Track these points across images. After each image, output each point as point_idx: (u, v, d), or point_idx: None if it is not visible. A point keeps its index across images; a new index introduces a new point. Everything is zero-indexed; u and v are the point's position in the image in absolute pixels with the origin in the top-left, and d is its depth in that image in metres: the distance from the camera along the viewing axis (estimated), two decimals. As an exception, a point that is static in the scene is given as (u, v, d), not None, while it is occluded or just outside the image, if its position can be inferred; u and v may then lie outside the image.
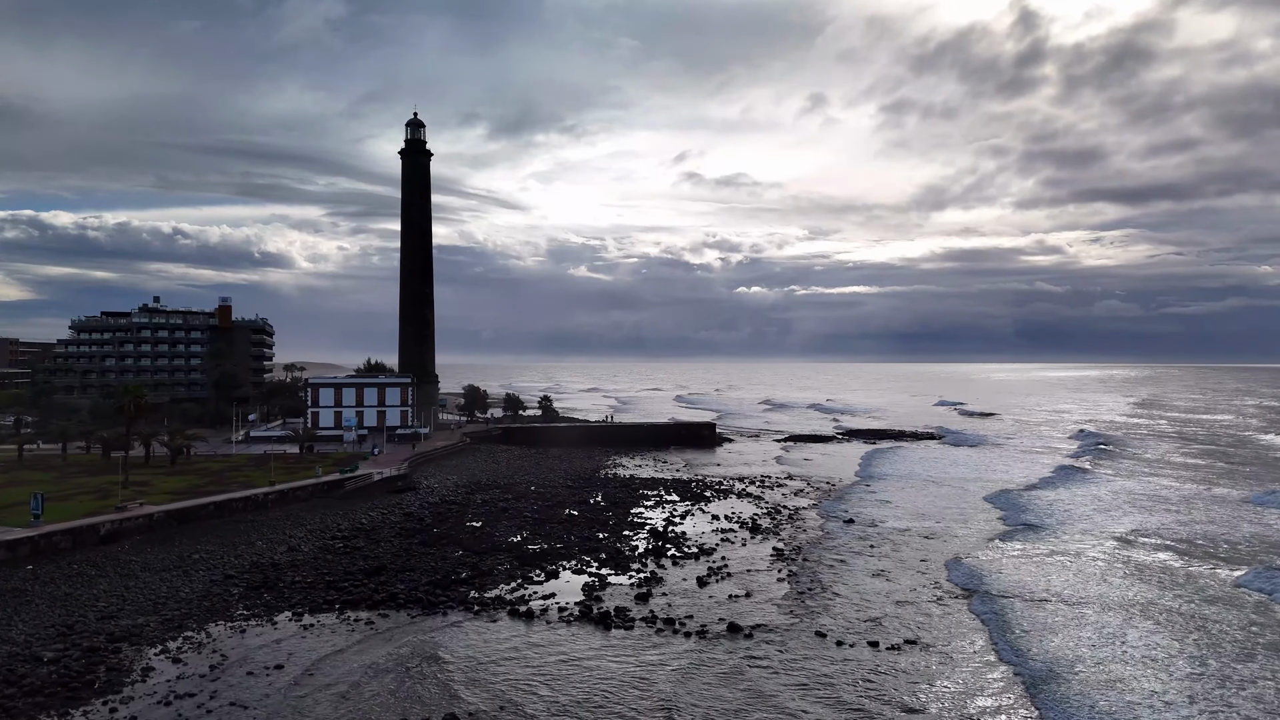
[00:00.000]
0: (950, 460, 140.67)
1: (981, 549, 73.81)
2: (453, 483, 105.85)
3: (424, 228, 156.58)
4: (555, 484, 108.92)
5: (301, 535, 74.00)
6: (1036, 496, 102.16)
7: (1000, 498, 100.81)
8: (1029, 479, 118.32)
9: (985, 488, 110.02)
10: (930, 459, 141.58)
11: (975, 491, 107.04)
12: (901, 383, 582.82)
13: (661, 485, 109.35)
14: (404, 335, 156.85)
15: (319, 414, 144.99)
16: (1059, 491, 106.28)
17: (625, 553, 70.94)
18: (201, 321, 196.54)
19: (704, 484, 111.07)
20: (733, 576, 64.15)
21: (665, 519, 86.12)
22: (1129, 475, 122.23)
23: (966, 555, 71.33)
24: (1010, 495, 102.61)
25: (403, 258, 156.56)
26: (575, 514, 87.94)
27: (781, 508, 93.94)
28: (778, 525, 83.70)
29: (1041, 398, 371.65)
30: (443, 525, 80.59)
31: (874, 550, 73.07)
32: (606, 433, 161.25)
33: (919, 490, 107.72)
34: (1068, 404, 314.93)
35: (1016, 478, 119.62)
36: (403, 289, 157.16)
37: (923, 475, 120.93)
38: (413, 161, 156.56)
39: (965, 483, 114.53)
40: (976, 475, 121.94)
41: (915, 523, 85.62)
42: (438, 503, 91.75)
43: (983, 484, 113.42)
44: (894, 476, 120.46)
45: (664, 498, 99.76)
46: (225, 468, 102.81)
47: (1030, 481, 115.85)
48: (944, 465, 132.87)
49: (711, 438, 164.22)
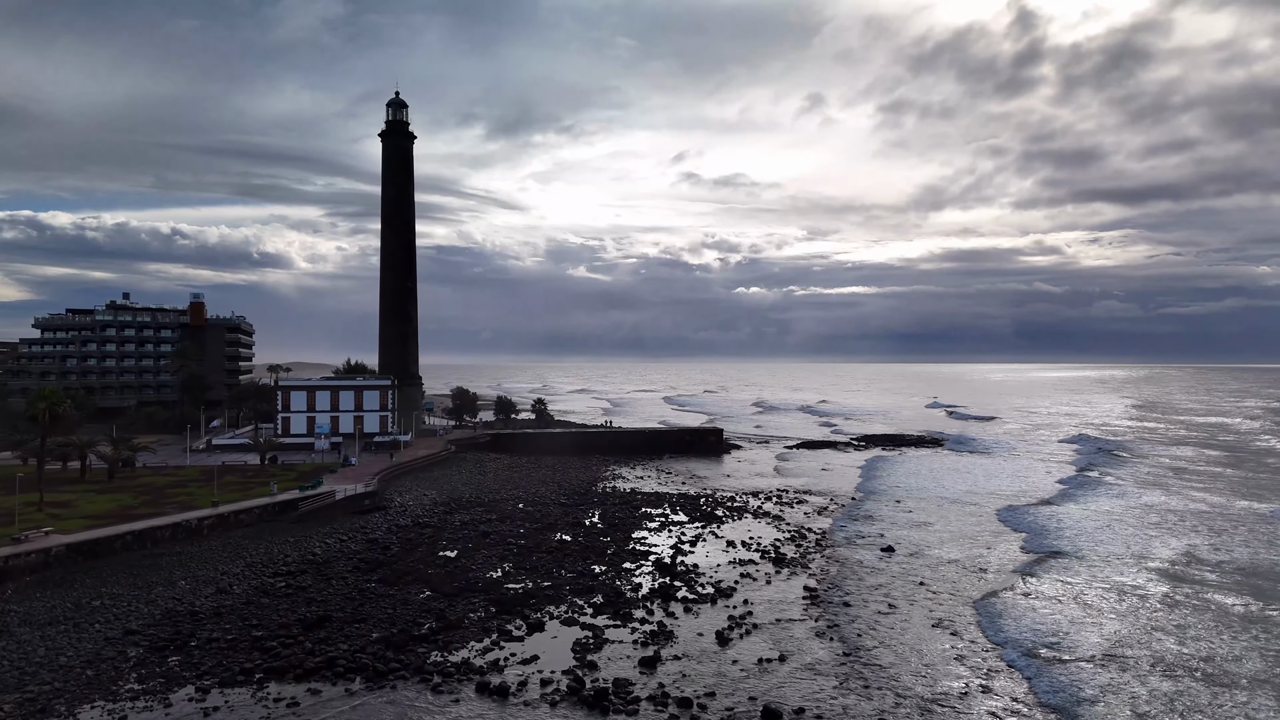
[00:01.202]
0: (955, 470, 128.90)
1: (1013, 585, 61.72)
2: (430, 500, 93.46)
3: (407, 216, 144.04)
4: (546, 500, 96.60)
5: (238, 571, 61.62)
6: (1055, 515, 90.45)
7: (1017, 517, 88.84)
8: (1042, 492, 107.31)
9: (996, 500, 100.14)
10: (936, 470, 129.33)
11: (988, 505, 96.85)
12: (899, 383, 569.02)
13: (667, 502, 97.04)
14: (384, 333, 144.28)
15: (290, 419, 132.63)
16: (1077, 508, 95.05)
17: (626, 593, 58.63)
18: (172, 319, 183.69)
19: (715, 500, 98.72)
20: (760, 628, 51.80)
21: (673, 546, 73.76)
22: (1146, 486, 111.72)
23: (997, 594, 59.26)
24: (1027, 514, 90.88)
25: (383, 249, 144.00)
26: (568, 540, 75.59)
27: (805, 530, 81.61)
28: (804, 555, 71.33)
29: (1041, 399, 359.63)
30: (410, 556, 68.19)
31: (912, 589, 60.77)
32: (605, 439, 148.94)
33: (933, 508, 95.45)
34: (1068, 406, 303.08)
35: (1028, 490, 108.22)
36: (383, 283, 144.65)
37: (933, 490, 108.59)
38: (394, 144, 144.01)
39: (976, 497, 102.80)
40: (986, 488, 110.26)
41: (939, 549, 73.34)
42: (408, 526, 79.35)
43: (993, 497, 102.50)
44: (903, 491, 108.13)
45: (670, 518, 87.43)
46: (171, 483, 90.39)
47: (1044, 495, 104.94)
48: (950, 476, 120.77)
49: (718, 444, 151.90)
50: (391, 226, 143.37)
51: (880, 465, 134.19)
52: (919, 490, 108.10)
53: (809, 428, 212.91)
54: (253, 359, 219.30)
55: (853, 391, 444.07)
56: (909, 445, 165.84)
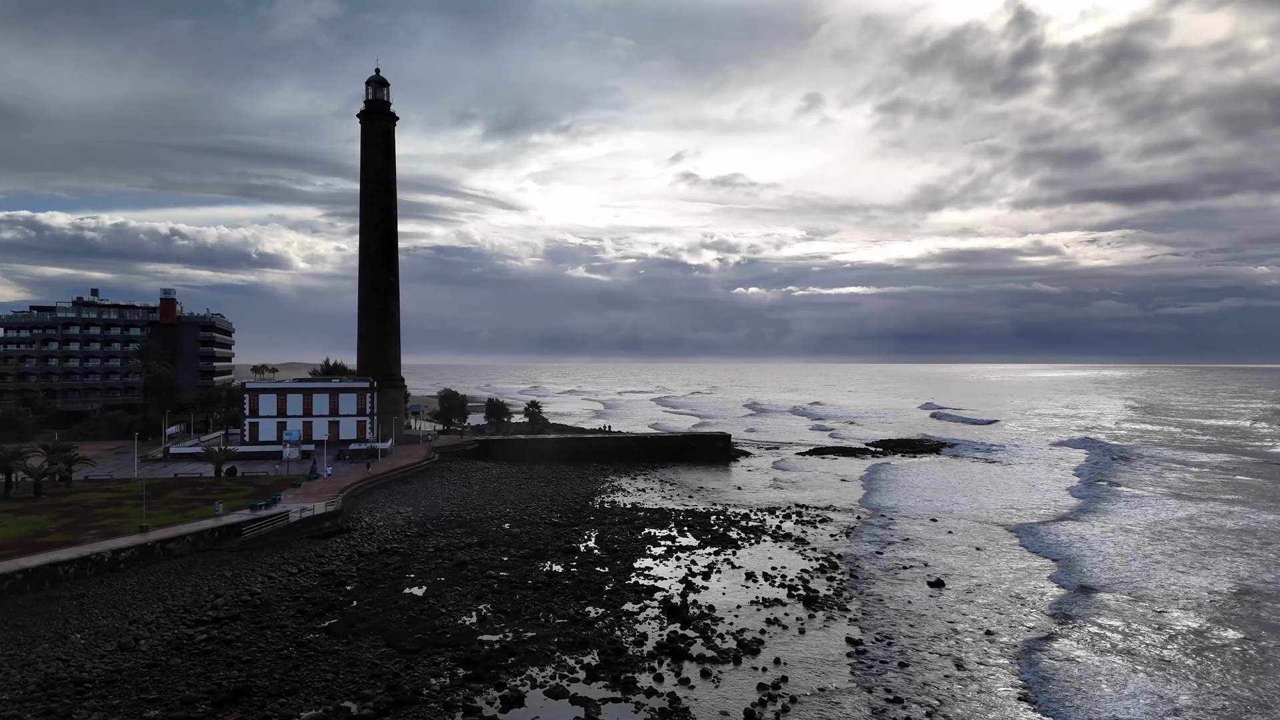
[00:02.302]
0: (960, 480, 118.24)
1: (1056, 638, 50.49)
2: (403, 519, 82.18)
3: (388, 204, 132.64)
4: (537, 518, 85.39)
5: (151, 619, 50.30)
6: (1077, 535, 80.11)
7: (1041, 540, 77.86)
8: (1057, 506, 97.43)
9: (1009, 515, 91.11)
10: (953, 482, 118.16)
11: (999, 520, 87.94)
12: (896, 384, 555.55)
13: (673, 520, 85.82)
14: (363, 331, 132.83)
15: (258, 425, 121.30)
16: (1101, 527, 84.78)
17: (628, 648, 47.40)
18: (141, 317, 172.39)
19: (727, 519, 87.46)
20: (800, 702, 40.58)
21: (683, 579, 62.53)
22: (1167, 498, 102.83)
23: (1042, 654, 47.96)
24: (1049, 535, 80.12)
25: (362, 240, 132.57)
26: (558, 571, 64.37)
27: (834, 558, 70.38)
28: (839, 591, 60.09)
29: (1041, 401, 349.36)
30: (369, 595, 56.95)
31: (979, 640, 49.58)
32: (603, 446, 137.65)
33: (973, 531, 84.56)
34: (1070, 408, 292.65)
35: (1045, 506, 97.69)
36: (362, 277, 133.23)
37: (962, 506, 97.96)
38: (374, 125, 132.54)
39: (987, 513, 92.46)
40: (996, 501, 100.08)
41: (993, 584, 62.22)
42: (373, 554, 68.04)
43: (1006, 512, 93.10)
44: (931, 507, 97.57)
45: (677, 541, 76.13)
46: (107, 501, 79.03)
47: (1060, 510, 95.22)
48: (956, 489, 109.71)
49: (726, 451, 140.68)
50: (371, 215, 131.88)
51: (898, 475, 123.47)
52: (946, 507, 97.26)
53: (802, 431, 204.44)
54: (231, 359, 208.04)
55: (848, 392, 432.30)
56: (922, 452, 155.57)
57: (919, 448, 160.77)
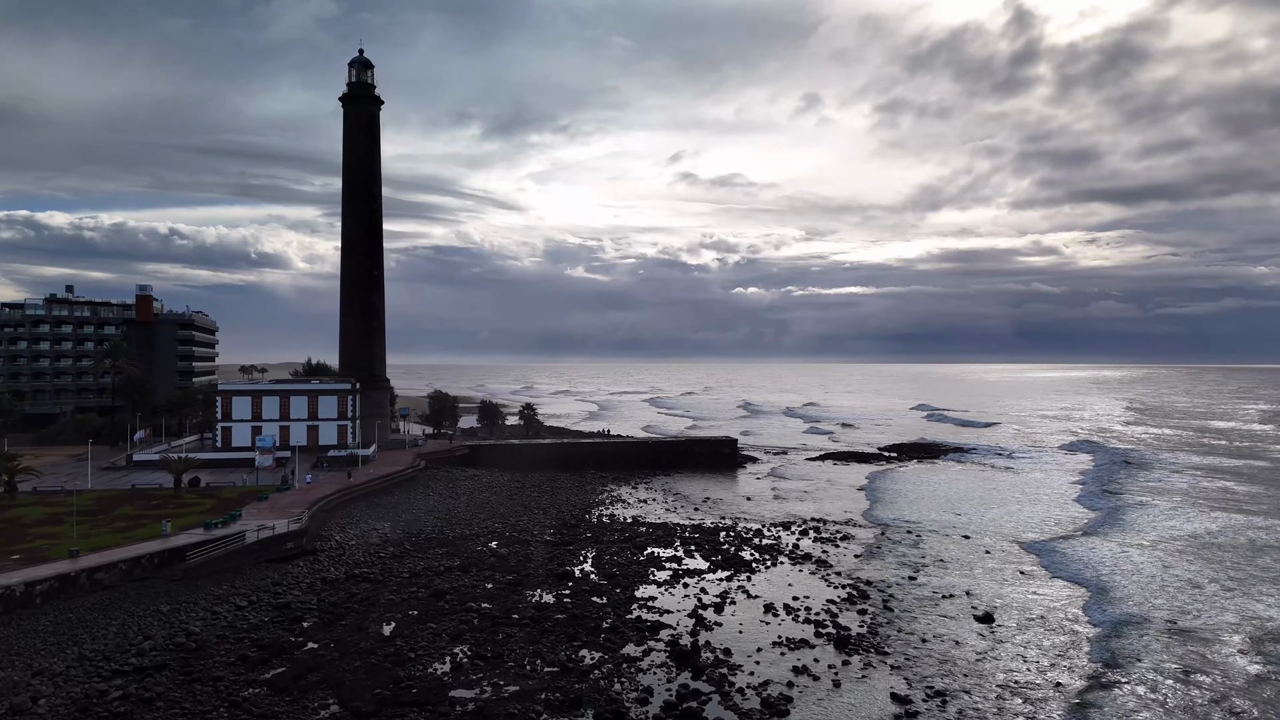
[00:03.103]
0: (976, 490, 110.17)
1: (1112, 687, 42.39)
2: (379, 536, 74.01)
3: (372, 193, 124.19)
4: (528, 535, 77.25)
5: (63, 668, 42.17)
6: (1104, 555, 72.20)
7: (1063, 561, 70.15)
8: (1075, 520, 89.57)
9: (1028, 530, 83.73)
10: (957, 493, 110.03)
11: (1022, 535, 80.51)
12: (894, 385, 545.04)
13: (678, 537, 77.66)
14: (346, 328, 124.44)
15: (232, 429, 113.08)
16: (1124, 542, 77.37)
17: (629, 710, 39.30)
18: (116, 315, 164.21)
19: (738, 535, 79.27)
20: (845, 788, 32.46)
21: (692, 612, 54.40)
22: (1185, 506, 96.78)
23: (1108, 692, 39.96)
24: (1070, 555, 72.26)
25: (344, 231, 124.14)
26: (550, 601, 56.26)
27: (863, 585, 62.25)
28: (874, 628, 51.94)
29: (1042, 402, 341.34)
30: (328, 634, 48.80)
31: (1051, 695, 41.47)
32: (602, 451, 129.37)
33: (975, 547, 76.55)
34: (1071, 410, 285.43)
35: (1059, 518, 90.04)
36: (344, 271, 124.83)
37: (963, 519, 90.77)
38: (357, 109, 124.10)
39: (1010, 528, 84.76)
40: (1015, 515, 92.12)
41: (1010, 615, 54.17)
42: (339, 580, 59.89)
43: (1026, 527, 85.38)
44: (959, 522, 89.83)
45: (684, 564, 67.97)
46: (46, 517, 70.84)
47: (1078, 523, 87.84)
48: (975, 500, 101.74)
49: (731, 456, 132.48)
50: (354, 205, 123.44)
51: (912, 484, 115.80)
52: (970, 522, 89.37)
53: (797, 434, 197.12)
54: (215, 359, 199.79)
55: (846, 393, 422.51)
56: (929, 457, 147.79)
57: (928, 452, 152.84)
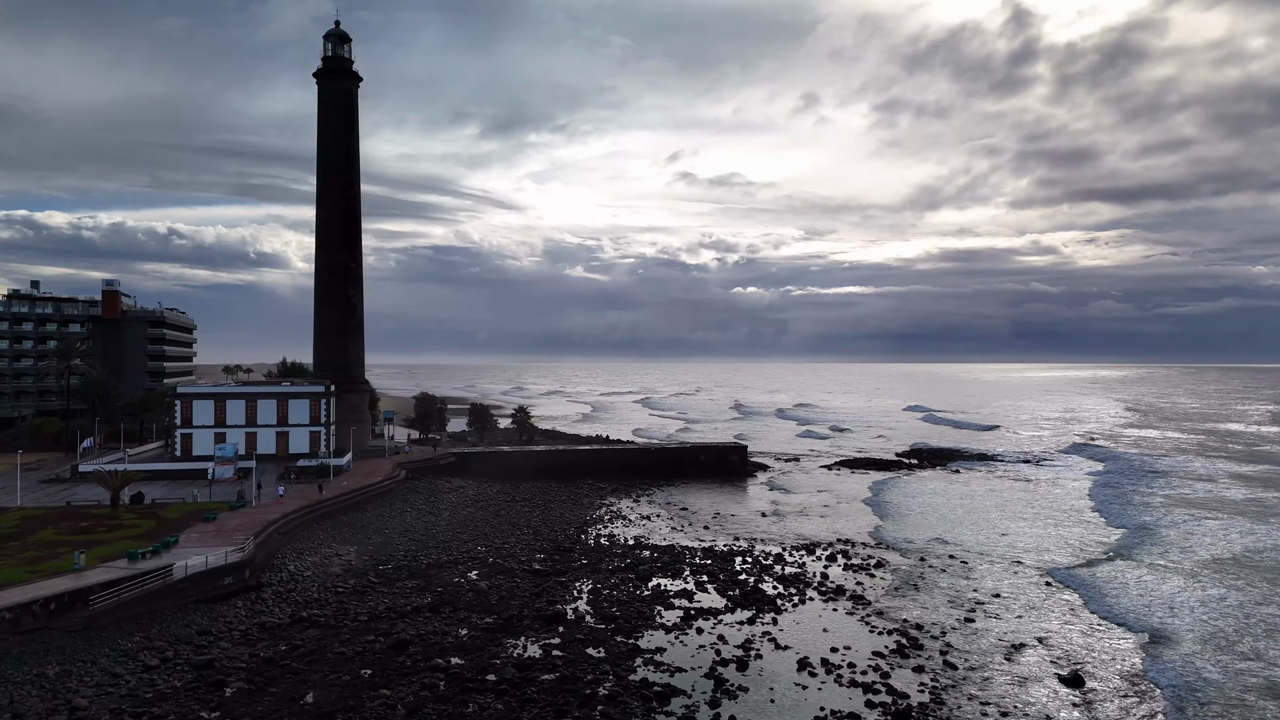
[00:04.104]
0: (988, 501, 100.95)
1: None
2: (341, 565, 63.66)
3: (349, 176, 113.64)
4: (514, 561, 66.96)
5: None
6: (1145, 583, 63.40)
7: (1104, 597, 60.18)
8: (1103, 541, 79.24)
9: (1050, 549, 75.49)
10: (969, 507, 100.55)
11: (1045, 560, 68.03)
12: (892, 385, 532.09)
13: (688, 564, 67.35)
14: (320, 326, 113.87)
15: (192, 436, 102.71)
16: (1159, 566, 68.65)
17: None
18: (82, 311, 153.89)
19: (756, 562, 68.93)
20: None
21: (710, 672, 44.10)
22: (1216, 518, 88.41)
23: None
24: (1110, 587, 62.48)
25: (319, 217, 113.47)
26: (535, 655, 45.96)
27: (912, 630, 51.94)
28: (939, 696, 41.63)
29: (1043, 403, 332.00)
30: (252, 705, 38.45)
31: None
32: (600, 460, 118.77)
33: (1030, 578, 66.40)
34: (1073, 412, 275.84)
35: (1083, 540, 79.48)
36: (319, 261, 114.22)
37: (982, 539, 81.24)
38: (333, 85, 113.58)
39: (1020, 551, 74.56)
40: (1034, 535, 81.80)
41: (1102, 672, 43.98)
42: (283, 626, 49.53)
43: (1047, 548, 75.89)
44: (1001, 544, 79.87)
45: (696, 600, 57.67)
46: (-50, 543, 60.40)
47: (1107, 543, 78.00)
48: (987, 514, 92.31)
49: (741, 464, 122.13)
50: (329, 189, 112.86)
51: (935, 497, 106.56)
52: (1016, 545, 79.34)
53: (790, 437, 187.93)
54: (191, 359, 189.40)
55: (843, 394, 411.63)
56: (943, 463, 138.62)
57: (940, 458, 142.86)
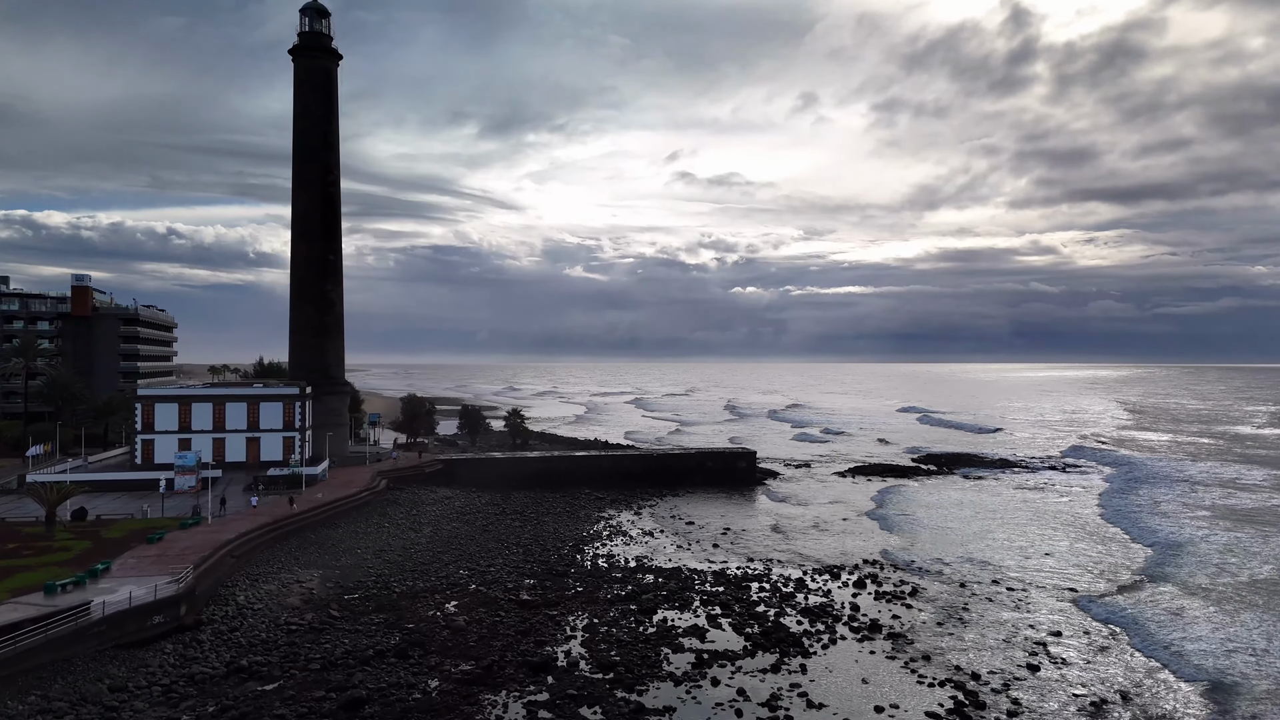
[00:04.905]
0: (1000, 514, 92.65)
1: None
2: (301, 595, 55.41)
3: (328, 160, 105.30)
4: (500, 588, 58.75)
5: None
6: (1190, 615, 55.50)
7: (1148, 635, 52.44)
8: (1131, 562, 71.16)
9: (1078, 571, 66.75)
10: (980, 521, 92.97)
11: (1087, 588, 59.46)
12: (889, 385, 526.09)
13: (697, 592, 59.18)
14: (297, 322, 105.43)
15: (154, 443, 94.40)
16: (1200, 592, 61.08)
17: None
18: (50, 308, 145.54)
19: (775, 589, 60.68)
20: None
21: (732, 742, 36.00)
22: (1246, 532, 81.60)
23: None
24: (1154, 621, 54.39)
25: (295, 209, 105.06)
26: (519, 716, 37.80)
27: (968, 677, 43.85)
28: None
29: (1044, 403, 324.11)
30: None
31: None
32: (599, 467, 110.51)
33: (1056, 607, 58.37)
34: (1076, 413, 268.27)
35: (1110, 563, 70.79)
36: (295, 253, 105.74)
37: (1021, 561, 73.50)
38: (310, 63, 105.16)
39: (1068, 576, 66.19)
40: (1064, 555, 73.72)
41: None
42: (216, 678, 41.30)
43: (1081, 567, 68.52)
44: (1018, 570, 71.68)
45: (708, 639, 49.48)
46: None
47: (1135, 565, 70.04)
48: (1002, 529, 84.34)
49: (750, 472, 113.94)
50: (305, 177, 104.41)
51: (964, 506, 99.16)
52: (1050, 566, 71.25)
53: (790, 439, 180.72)
54: (171, 358, 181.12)
55: (841, 395, 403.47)
56: (961, 466, 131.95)
57: (957, 463, 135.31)
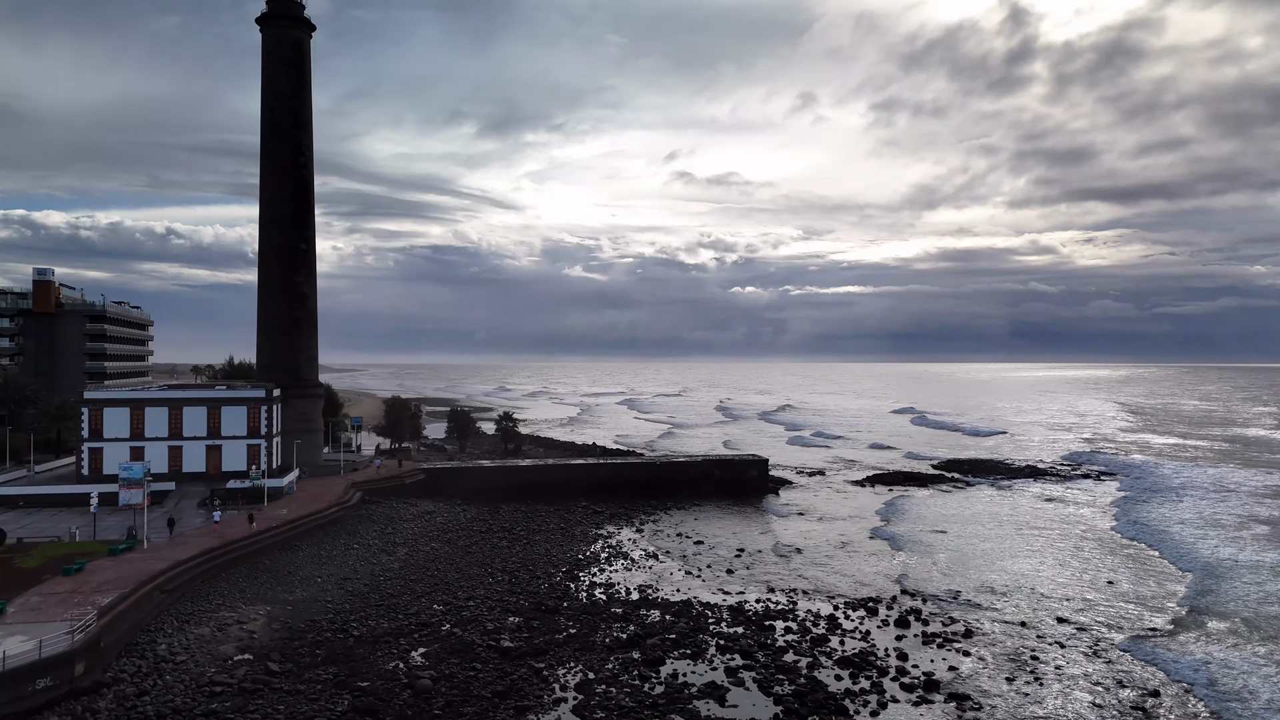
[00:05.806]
0: (1036, 534, 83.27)
1: None
2: (239, 641, 46.09)
3: (299, 141, 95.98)
4: (479, 630, 49.51)
5: None
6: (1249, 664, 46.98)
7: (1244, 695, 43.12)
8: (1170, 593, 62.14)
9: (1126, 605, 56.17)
10: (1019, 542, 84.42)
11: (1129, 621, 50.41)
12: (888, 385, 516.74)
13: (712, 634, 50.00)
14: (265, 319, 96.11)
15: (103, 451, 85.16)
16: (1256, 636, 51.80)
17: None
18: (10, 305, 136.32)
19: (803, 629, 51.50)
20: None
21: None
22: None
23: None
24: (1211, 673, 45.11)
25: (263, 194, 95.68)
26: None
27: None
28: None
29: (1045, 404, 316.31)
30: None
31: None
32: (597, 476, 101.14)
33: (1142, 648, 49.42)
34: (1074, 414, 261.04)
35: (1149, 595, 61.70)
36: (263, 244, 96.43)
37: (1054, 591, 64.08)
38: (279, 33, 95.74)
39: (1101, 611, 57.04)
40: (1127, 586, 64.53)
41: None
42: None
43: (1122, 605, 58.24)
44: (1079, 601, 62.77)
45: (727, 700, 40.37)
46: None
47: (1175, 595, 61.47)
48: (1046, 552, 75.49)
49: (761, 481, 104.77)
50: (275, 159, 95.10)
51: (999, 522, 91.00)
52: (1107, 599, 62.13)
53: (778, 442, 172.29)
54: (146, 358, 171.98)
55: (840, 394, 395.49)
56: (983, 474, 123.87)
57: (976, 470, 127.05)
